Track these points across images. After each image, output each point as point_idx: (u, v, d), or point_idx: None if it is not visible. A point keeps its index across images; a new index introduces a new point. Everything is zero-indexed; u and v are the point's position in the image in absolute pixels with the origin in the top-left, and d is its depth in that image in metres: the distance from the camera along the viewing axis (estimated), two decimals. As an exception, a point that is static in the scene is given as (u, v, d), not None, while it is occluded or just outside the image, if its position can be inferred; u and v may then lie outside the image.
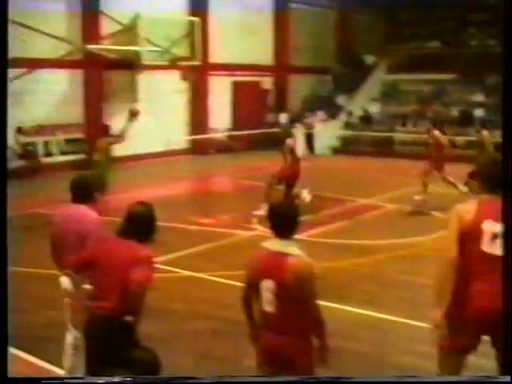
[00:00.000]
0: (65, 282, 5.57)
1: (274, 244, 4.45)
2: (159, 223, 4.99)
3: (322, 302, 4.44)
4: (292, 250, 4.41)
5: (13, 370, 4.31)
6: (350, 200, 15.29)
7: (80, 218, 5.56)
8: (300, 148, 25.67)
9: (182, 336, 7.34)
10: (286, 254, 4.38)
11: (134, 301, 4.61)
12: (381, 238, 11.37)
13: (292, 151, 13.46)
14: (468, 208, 4.52)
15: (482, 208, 4.48)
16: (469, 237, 4.42)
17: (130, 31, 21.59)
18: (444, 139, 14.60)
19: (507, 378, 3.88)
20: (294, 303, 4.34)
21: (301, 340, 4.38)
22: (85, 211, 5.61)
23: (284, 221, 4.43)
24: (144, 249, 4.76)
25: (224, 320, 7.59)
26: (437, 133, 14.60)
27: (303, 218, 4.63)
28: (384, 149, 24.55)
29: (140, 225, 4.80)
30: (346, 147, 25.92)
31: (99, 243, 4.95)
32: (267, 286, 4.38)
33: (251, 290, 4.53)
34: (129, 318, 4.69)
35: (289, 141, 13.45)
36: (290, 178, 13.29)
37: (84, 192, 5.68)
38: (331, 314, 5.43)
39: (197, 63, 23.32)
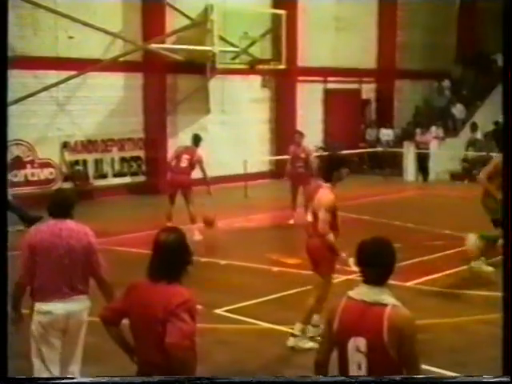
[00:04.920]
0: None
1: (364, 292, 4.44)
2: (235, 263, 4.99)
3: (428, 368, 4.33)
4: (386, 298, 4.37)
5: None
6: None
7: (79, 231, 6.34)
8: (410, 172, 25.63)
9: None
10: (380, 305, 4.35)
11: (178, 366, 4.64)
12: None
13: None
14: None
15: None
16: None
17: (200, 27, 21.91)
18: None
19: (507, 378, 4.37)
20: (390, 366, 4.27)
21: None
22: (79, 225, 6.41)
23: (376, 262, 4.44)
24: (179, 293, 4.79)
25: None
26: None
27: (409, 260, 4.59)
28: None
29: (169, 256, 4.87)
30: (469, 172, 25.41)
31: (130, 290, 5.03)
32: (358, 344, 4.35)
33: (330, 352, 4.55)
34: None
35: None
36: None
37: (68, 206, 6.44)
38: None
39: (282, 67, 23.51)
